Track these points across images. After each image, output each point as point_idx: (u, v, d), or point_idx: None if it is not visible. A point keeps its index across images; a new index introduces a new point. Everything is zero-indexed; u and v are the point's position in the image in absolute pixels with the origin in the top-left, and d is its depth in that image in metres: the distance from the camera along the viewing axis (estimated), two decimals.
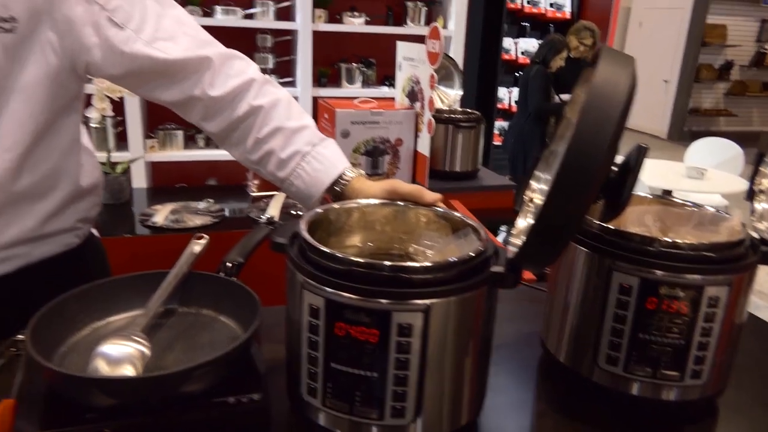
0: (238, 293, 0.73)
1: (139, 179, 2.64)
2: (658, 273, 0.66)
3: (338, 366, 0.58)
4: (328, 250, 0.58)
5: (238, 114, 0.85)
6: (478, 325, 0.62)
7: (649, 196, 0.83)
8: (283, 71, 2.98)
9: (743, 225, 0.74)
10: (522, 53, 5.01)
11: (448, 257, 0.59)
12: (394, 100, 1.97)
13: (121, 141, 2.53)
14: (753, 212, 0.77)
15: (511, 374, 0.81)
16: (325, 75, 3.04)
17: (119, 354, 0.62)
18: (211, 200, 2.01)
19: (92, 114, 1.90)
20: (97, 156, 0.97)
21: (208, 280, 0.76)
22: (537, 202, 0.70)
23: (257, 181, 2.18)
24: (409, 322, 0.55)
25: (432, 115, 1.69)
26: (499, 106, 4.88)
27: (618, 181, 0.61)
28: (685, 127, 8.21)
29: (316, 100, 2.59)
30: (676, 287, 0.66)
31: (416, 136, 1.78)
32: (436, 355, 0.58)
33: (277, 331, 0.69)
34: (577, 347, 0.75)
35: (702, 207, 0.79)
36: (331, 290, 0.56)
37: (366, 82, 3.12)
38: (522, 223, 0.71)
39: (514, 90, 4.95)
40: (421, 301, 0.56)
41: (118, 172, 1.99)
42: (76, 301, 0.70)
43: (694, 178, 3.42)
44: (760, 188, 0.78)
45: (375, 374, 0.57)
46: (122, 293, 0.74)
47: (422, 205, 0.76)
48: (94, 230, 0.98)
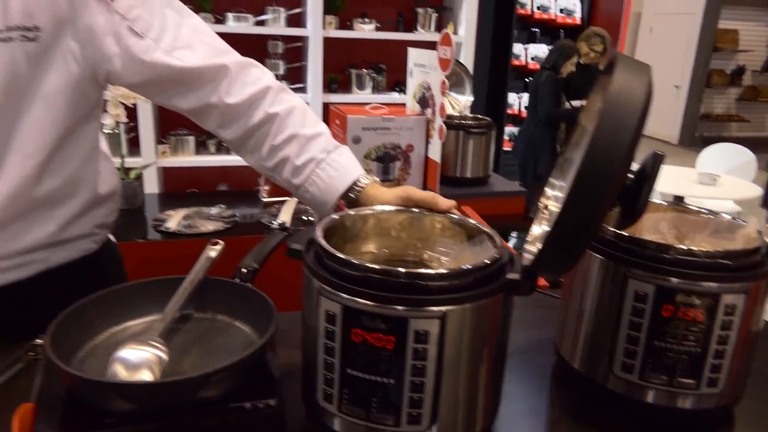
0: (254, 299, 0.73)
1: (151, 185, 2.66)
2: (674, 281, 0.66)
3: (355, 372, 0.58)
4: (345, 257, 0.58)
5: (254, 121, 0.86)
6: (494, 332, 0.62)
7: (664, 204, 0.82)
8: (294, 77, 3.01)
9: (759, 232, 0.73)
10: (532, 59, 5.02)
11: (463, 264, 0.59)
12: (404, 106, 1.98)
13: (134, 147, 2.56)
14: None
15: (525, 381, 0.81)
16: (336, 81, 3.06)
17: (137, 359, 0.63)
18: (223, 206, 2.02)
19: (106, 120, 1.91)
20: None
21: (224, 286, 0.76)
22: (552, 209, 0.70)
23: (268, 186, 2.18)
24: (425, 329, 0.56)
25: (443, 121, 1.70)
26: (509, 111, 4.88)
27: (634, 189, 0.61)
28: (697, 133, 8.15)
29: (327, 106, 2.61)
30: (692, 295, 0.66)
31: (427, 142, 1.79)
32: (452, 361, 0.58)
33: (292, 336, 0.70)
34: (591, 354, 0.75)
35: (718, 214, 0.79)
36: (347, 296, 0.57)
37: (376, 88, 3.13)
38: (537, 230, 0.71)
39: (524, 95, 4.95)
40: (437, 308, 0.56)
41: (132, 178, 2.01)
42: (93, 306, 0.71)
43: (707, 184, 3.39)
44: None
45: (391, 381, 0.57)
46: (138, 298, 0.75)
47: (437, 211, 0.76)
48: (111, 236, 0.99)
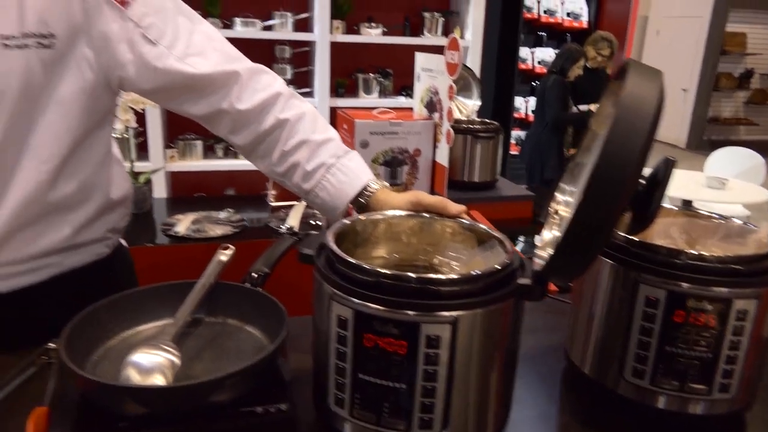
0: (264, 303, 0.74)
1: (160, 189, 2.67)
2: (685, 286, 0.66)
3: (366, 377, 0.58)
4: (357, 262, 0.59)
5: (264, 127, 0.86)
6: (505, 337, 0.62)
7: (675, 208, 0.82)
8: (301, 82, 3.01)
9: None
10: (539, 63, 5.01)
11: (474, 269, 0.60)
12: (411, 110, 1.98)
13: (142, 151, 2.57)
14: None
15: (535, 386, 0.81)
16: (343, 85, 3.06)
17: (150, 363, 0.63)
18: (231, 210, 2.02)
19: (116, 125, 1.93)
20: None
21: (235, 291, 0.77)
22: (563, 214, 0.70)
23: (275, 191, 2.19)
24: (437, 334, 0.56)
25: (450, 126, 1.70)
26: (516, 115, 4.88)
27: (646, 194, 0.61)
28: (705, 136, 8.11)
29: (334, 111, 2.61)
30: (703, 300, 0.65)
31: (435, 147, 1.79)
32: (464, 366, 0.58)
33: (303, 341, 0.70)
34: (602, 359, 0.75)
35: (729, 219, 0.79)
36: (359, 301, 0.57)
37: (383, 93, 3.14)
38: (548, 235, 0.71)
39: (531, 99, 4.94)
40: (449, 313, 0.56)
41: (141, 182, 2.02)
42: (106, 311, 0.72)
43: (715, 188, 3.37)
44: None
45: (403, 385, 0.57)
46: (150, 303, 0.75)
47: (447, 216, 0.77)
48: (122, 240, 1.00)
